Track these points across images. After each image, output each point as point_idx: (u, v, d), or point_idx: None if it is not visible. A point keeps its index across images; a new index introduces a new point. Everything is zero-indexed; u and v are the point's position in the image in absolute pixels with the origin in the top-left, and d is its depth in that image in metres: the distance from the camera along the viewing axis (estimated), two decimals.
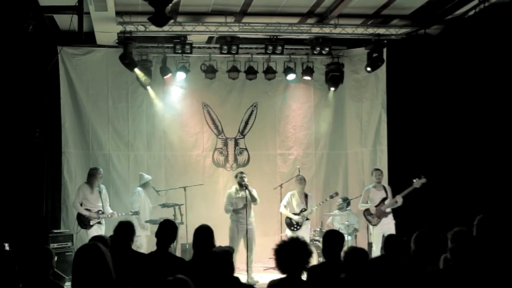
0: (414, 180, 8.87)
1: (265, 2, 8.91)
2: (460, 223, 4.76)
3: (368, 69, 10.11)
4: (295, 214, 9.39)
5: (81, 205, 8.96)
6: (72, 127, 10.21)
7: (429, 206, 9.12)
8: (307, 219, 9.44)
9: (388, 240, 4.97)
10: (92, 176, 9.06)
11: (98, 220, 8.94)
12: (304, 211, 9.37)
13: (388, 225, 9.01)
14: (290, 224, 9.41)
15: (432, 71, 9.50)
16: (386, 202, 9.09)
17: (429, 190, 8.98)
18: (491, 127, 8.30)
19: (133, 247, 5.36)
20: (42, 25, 8.94)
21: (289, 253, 3.84)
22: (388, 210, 9.08)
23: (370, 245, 9.51)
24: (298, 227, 9.34)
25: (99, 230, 8.80)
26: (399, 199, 8.99)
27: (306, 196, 9.52)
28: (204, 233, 4.93)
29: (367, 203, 9.29)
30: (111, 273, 3.39)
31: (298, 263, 3.84)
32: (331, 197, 9.75)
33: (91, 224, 8.90)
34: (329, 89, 10.99)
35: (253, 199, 9.24)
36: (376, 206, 9.16)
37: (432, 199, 9.09)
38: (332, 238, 4.77)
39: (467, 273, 3.57)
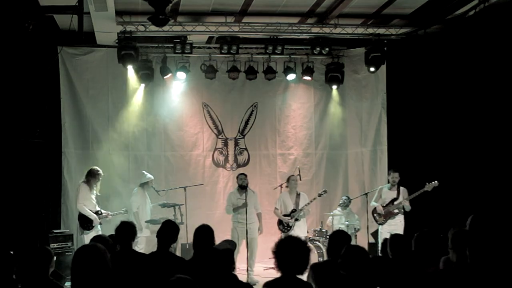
0: (427, 184, 8.80)
1: (265, 2, 8.90)
2: (464, 223, 4.75)
3: (372, 69, 10.05)
4: (285, 215, 9.38)
5: None
6: (72, 127, 10.20)
7: (434, 206, 9.10)
8: (297, 219, 9.39)
9: (393, 240, 4.94)
10: (92, 177, 8.88)
11: (99, 221, 8.86)
12: (294, 211, 9.36)
13: (396, 226, 8.94)
14: (281, 225, 9.41)
15: (432, 71, 9.49)
16: (395, 203, 9.07)
17: (434, 190, 8.94)
18: (491, 127, 8.30)
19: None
20: (42, 25, 8.95)
21: (289, 253, 3.83)
22: (396, 211, 9.05)
23: (369, 245, 9.51)
24: (288, 228, 9.33)
25: (99, 231, 8.65)
26: (406, 204, 8.94)
27: (298, 195, 9.50)
28: (204, 233, 4.94)
29: (378, 202, 9.27)
30: (110, 274, 3.38)
31: (298, 262, 3.83)
32: (320, 195, 9.70)
33: (93, 225, 8.76)
34: (331, 88, 10.96)
35: (259, 216, 9.41)
36: (384, 206, 9.15)
37: (435, 199, 9.07)
38: (338, 238, 4.75)
39: (475, 272, 3.56)
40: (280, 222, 9.46)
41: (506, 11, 7.86)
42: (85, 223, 8.77)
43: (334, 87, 10.89)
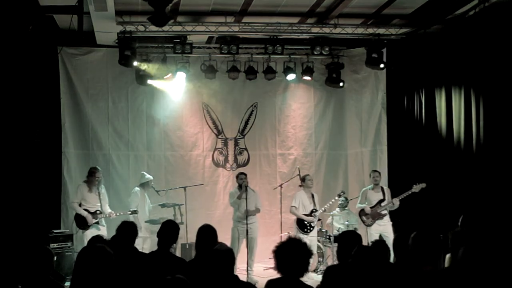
0: (414, 185, 8.84)
1: (265, 2, 8.89)
2: (457, 224, 4.75)
3: (381, 65, 9.88)
4: (306, 215, 9.33)
5: (80, 205, 8.88)
6: (72, 127, 10.20)
7: (427, 207, 9.11)
8: (319, 219, 9.41)
9: (396, 242, 4.91)
10: (90, 175, 8.95)
11: (96, 221, 8.85)
12: (315, 211, 9.32)
13: (385, 227, 8.99)
14: (302, 225, 9.27)
15: (432, 71, 9.50)
16: (383, 204, 9.07)
17: (428, 190, 8.96)
18: (491, 127, 8.28)
19: None
20: (42, 25, 8.95)
21: (289, 255, 3.81)
22: (384, 212, 9.06)
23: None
24: (311, 228, 9.27)
25: (97, 231, 8.60)
26: (396, 202, 8.97)
27: (312, 195, 9.48)
28: (207, 233, 4.92)
29: (364, 204, 9.27)
30: (112, 277, 3.39)
31: (298, 265, 3.81)
32: (339, 196, 9.72)
33: (88, 225, 8.78)
34: (334, 87, 10.90)
35: (257, 211, 9.34)
36: (371, 208, 9.13)
37: (431, 199, 9.08)
38: (348, 240, 4.66)
39: (471, 273, 3.56)
40: (299, 222, 9.30)
41: (506, 11, 7.85)
42: (80, 222, 8.82)
43: (341, 84, 10.82)
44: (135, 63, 9.70)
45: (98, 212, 8.88)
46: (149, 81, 10.22)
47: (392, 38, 9.87)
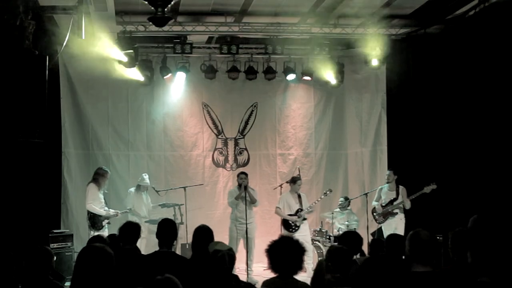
0: (425, 187, 8.85)
1: (265, 2, 8.89)
2: (463, 223, 4.74)
3: (376, 61, 9.89)
4: (291, 215, 9.38)
5: None
6: (72, 127, 10.20)
7: (435, 206, 9.11)
8: (304, 219, 9.43)
9: (390, 240, 4.94)
10: (102, 177, 8.96)
11: (108, 221, 8.91)
12: (300, 211, 9.36)
13: (396, 224, 9.03)
14: (287, 225, 9.39)
15: (432, 71, 9.49)
16: (394, 203, 9.11)
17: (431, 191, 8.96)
18: (491, 127, 8.29)
19: None
20: (42, 25, 8.94)
21: (282, 253, 3.80)
22: (396, 211, 9.11)
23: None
24: (296, 228, 9.34)
25: (107, 230, 8.69)
26: (407, 203, 8.99)
27: (299, 196, 9.52)
28: (203, 234, 4.92)
29: (378, 201, 9.33)
30: (112, 278, 3.38)
31: (291, 263, 3.81)
32: (325, 194, 9.76)
33: (103, 224, 8.82)
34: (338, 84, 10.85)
35: (252, 201, 9.28)
36: (383, 206, 9.20)
37: (435, 199, 9.07)
38: (349, 241, 4.64)
39: (476, 272, 3.55)
40: (284, 222, 9.40)
41: (506, 11, 7.85)
42: (97, 222, 8.84)
43: (334, 82, 10.81)
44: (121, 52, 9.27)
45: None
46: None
47: (392, 38, 9.87)
